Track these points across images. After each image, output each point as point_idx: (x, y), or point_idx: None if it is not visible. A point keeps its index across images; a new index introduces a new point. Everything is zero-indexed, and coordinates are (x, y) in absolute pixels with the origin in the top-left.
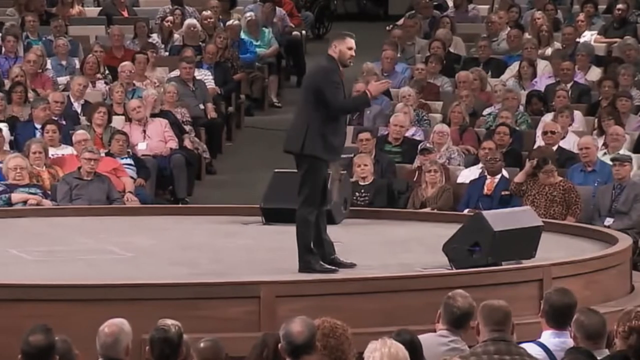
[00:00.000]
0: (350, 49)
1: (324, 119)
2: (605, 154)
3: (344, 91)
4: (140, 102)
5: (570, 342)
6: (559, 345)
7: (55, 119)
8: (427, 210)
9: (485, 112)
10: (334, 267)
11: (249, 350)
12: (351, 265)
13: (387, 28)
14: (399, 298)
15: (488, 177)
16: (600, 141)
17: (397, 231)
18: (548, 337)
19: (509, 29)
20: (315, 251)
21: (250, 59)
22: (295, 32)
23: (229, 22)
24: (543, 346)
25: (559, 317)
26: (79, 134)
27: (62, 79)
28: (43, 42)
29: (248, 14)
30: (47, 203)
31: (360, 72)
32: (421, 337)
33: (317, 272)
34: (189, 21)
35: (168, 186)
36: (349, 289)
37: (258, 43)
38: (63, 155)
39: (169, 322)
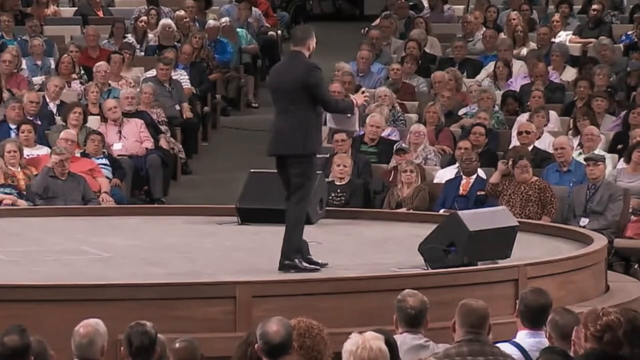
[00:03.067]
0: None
1: (316, 116)
2: (580, 154)
3: None
4: (117, 102)
5: (545, 342)
6: (535, 345)
7: (31, 119)
8: (403, 210)
9: (460, 112)
10: (315, 267)
11: (234, 349)
12: (323, 265)
13: (362, 32)
14: (375, 298)
15: (464, 177)
16: (576, 141)
17: (373, 231)
18: (523, 337)
19: (484, 29)
20: (300, 250)
21: (227, 59)
22: (271, 32)
23: (209, 23)
24: (518, 346)
25: (534, 317)
26: (66, 133)
27: (38, 79)
28: (18, 42)
29: (223, 20)
30: (22, 203)
31: (333, 72)
32: None
33: (300, 271)
34: (164, 21)
35: (144, 186)
36: (325, 289)
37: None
38: (38, 155)
39: (143, 321)
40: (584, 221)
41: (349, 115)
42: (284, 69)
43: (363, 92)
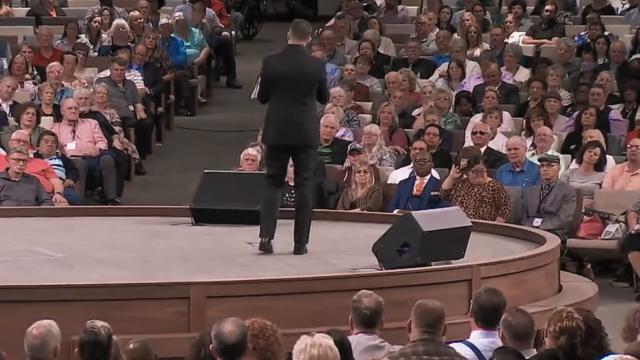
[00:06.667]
0: None
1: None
2: (533, 154)
3: None
4: (76, 102)
5: (498, 342)
6: (488, 345)
7: None
8: (357, 210)
9: (414, 113)
10: None
11: (187, 350)
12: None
13: (316, 32)
14: (329, 298)
15: (417, 177)
16: (529, 142)
17: (327, 232)
18: (477, 337)
19: (437, 29)
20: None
21: (180, 60)
22: (224, 33)
23: (162, 21)
24: (472, 346)
25: (488, 317)
26: (19, 134)
27: None
28: None
29: (177, 14)
30: None
31: None
32: None
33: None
34: (118, 21)
35: (97, 187)
36: (279, 290)
37: (188, 44)
38: None
39: (98, 323)
40: (537, 221)
41: None
42: (294, 61)
43: None
